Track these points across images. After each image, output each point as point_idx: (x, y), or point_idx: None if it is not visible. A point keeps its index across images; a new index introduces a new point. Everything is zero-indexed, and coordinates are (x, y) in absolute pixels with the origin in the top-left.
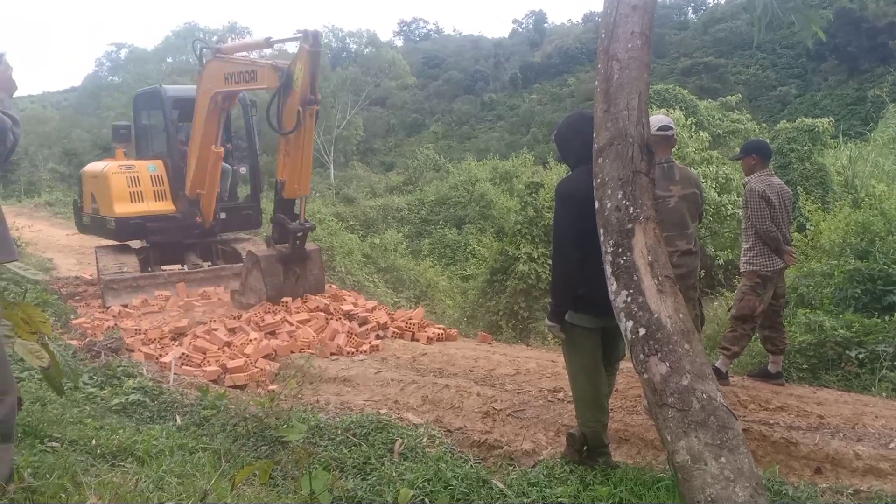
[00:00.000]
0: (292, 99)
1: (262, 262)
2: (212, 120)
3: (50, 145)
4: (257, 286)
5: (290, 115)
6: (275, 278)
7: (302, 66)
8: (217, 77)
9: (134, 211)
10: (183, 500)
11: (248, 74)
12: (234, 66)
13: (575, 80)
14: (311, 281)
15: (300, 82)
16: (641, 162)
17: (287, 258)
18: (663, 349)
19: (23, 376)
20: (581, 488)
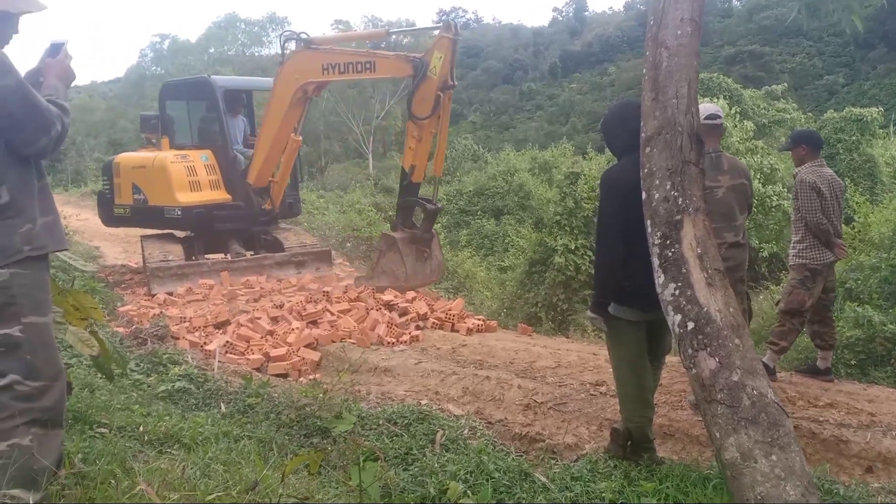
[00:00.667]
0: (427, 86)
1: (399, 243)
2: (295, 109)
3: (96, 135)
4: (393, 268)
5: (423, 101)
6: (412, 259)
7: (442, 54)
8: (311, 68)
9: (196, 200)
10: (229, 487)
11: (360, 65)
12: (340, 58)
13: (616, 69)
14: (435, 263)
15: (438, 69)
16: (691, 152)
17: (419, 240)
18: (713, 344)
19: (72, 363)
20: (625, 484)
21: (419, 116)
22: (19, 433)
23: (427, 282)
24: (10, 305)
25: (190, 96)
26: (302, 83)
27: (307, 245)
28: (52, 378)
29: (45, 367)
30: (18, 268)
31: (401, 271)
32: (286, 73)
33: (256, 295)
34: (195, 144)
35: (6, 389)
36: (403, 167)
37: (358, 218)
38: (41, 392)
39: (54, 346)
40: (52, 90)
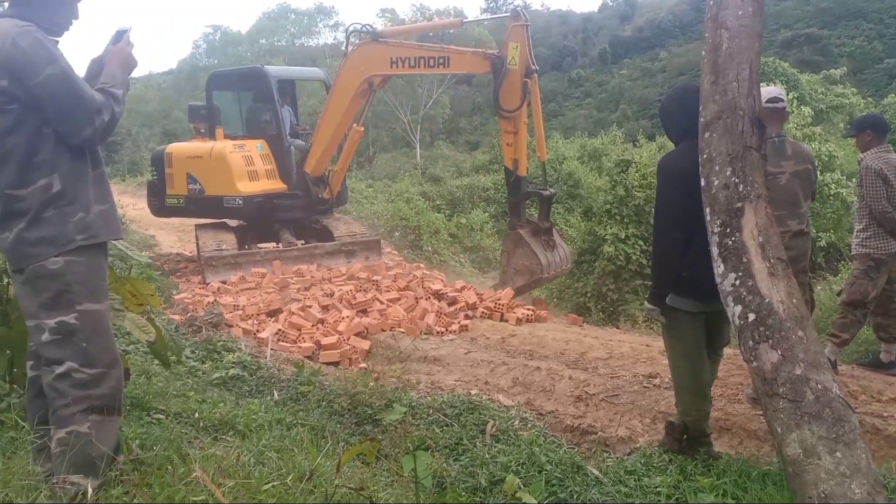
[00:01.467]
0: (510, 78)
1: (526, 237)
2: (357, 101)
3: (151, 126)
4: (526, 263)
5: (509, 94)
6: (542, 250)
7: (517, 43)
8: (378, 60)
9: (256, 190)
10: (283, 475)
11: (433, 60)
12: (411, 51)
13: (667, 55)
14: (562, 252)
15: (518, 58)
16: (752, 136)
17: (542, 230)
18: (775, 336)
19: (130, 349)
20: (681, 479)
21: (509, 109)
22: (77, 420)
23: (561, 271)
24: (66, 293)
25: (241, 86)
26: (367, 75)
27: (357, 234)
28: (108, 365)
29: (101, 354)
30: (73, 256)
31: (535, 265)
32: (351, 64)
33: (307, 283)
34: (245, 134)
35: (64, 377)
36: (506, 165)
37: (406, 207)
38: (98, 379)
39: (110, 334)
40: (108, 78)
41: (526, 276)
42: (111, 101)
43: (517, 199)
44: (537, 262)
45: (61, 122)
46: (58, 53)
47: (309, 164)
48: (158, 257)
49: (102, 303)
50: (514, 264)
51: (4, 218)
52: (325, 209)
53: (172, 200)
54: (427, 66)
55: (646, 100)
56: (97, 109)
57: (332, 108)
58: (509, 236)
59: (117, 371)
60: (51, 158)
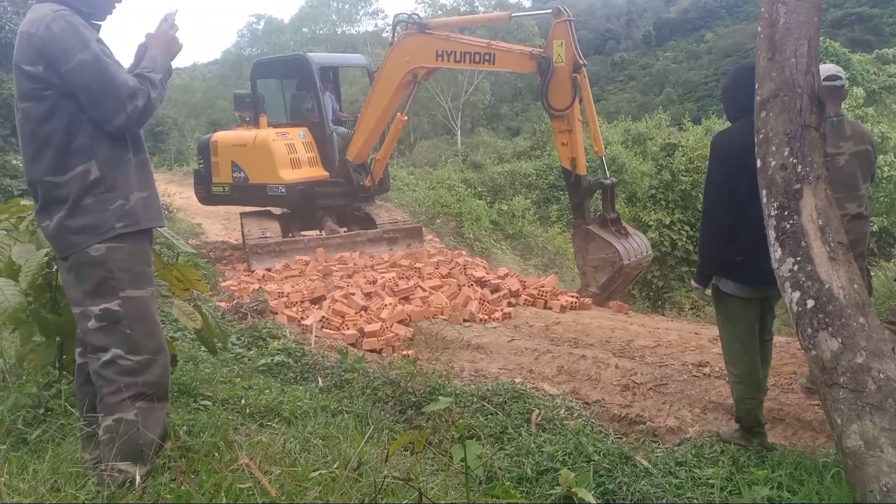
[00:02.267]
0: (559, 77)
1: (594, 229)
2: (401, 91)
3: (196, 116)
4: (603, 256)
5: (559, 92)
6: (615, 238)
7: (561, 40)
8: (424, 52)
9: (298, 177)
10: (329, 463)
11: (478, 56)
12: (457, 46)
13: (713, 36)
14: (639, 239)
15: (564, 56)
16: (811, 115)
17: (609, 221)
18: (835, 323)
19: (177, 336)
20: (734, 471)
21: (560, 108)
22: (124, 407)
23: (643, 259)
24: (108, 280)
25: (284, 74)
26: (412, 67)
27: (398, 221)
28: (153, 352)
29: (145, 340)
30: (115, 242)
31: (612, 254)
32: (396, 55)
33: (350, 271)
34: (289, 122)
35: (109, 364)
36: (564, 166)
37: (447, 194)
38: (144, 366)
39: (155, 320)
40: (148, 62)
41: (607, 270)
42: (147, 86)
43: (580, 198)
44: (614, 251)
45: (93, 108)
46: (91, 38)
47: (351, 151)
48: (204, 245)
49: (146, 289)
50: (590, 261)
51: (45, 205)
52: (367, 196)
53: (218, 189)
54: (472, 62)
55: (691, 82)
56: (130, 95)
57: (376, 98)
58: (578, 234)
59: (163, 358)
60: (88, 144)
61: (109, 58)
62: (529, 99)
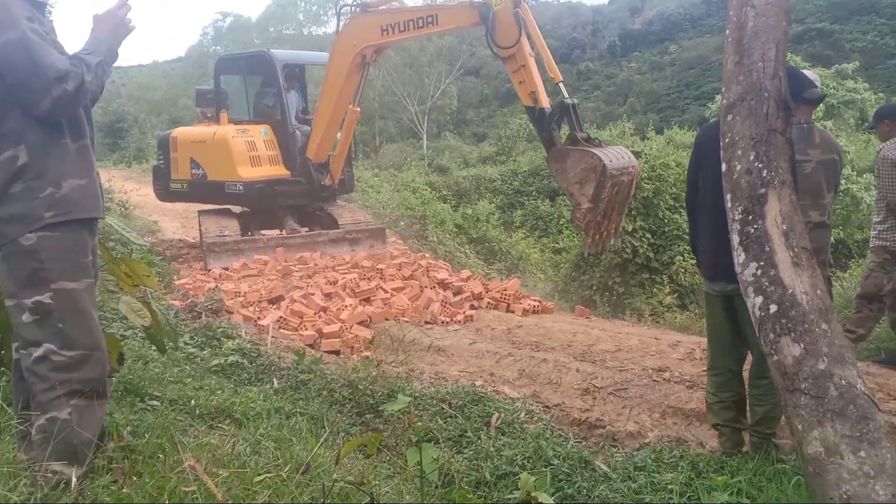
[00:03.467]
0: (500, 18)
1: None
2: (352, 78)
3: (158, 113)
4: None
5: (505, 31)
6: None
7: None
8: (369, 31)
9: (258, 175)
10: (280, 466)
11: (421, 20)
12: (399, 16)
13: (677, 48)
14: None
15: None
16: (777, 119)
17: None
18: (797, 329)
19: (127, 334)
20: (693, 476)
21: (508, 45)
22: (58, 406)
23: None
24: (40, 271)
25: (247, 70)
26: (360, 48)
27: (361, 222)
28: (88, 347)
29: (79, 335)
30: (47, 231)
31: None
32: (343, 40)
33: (310, 271)
34: (252, 119)
35: (42, 360)
36: (526, 104)
37: (412, 197)
38: (78, 362)
39: (90, 315)
40: (91, 44)
41: (591, 179)
42: (82, 68)
43: (546, 133)
44: (591, 156)
45: (20, 91)
46: (20, 16)
47: (310, 149)
48: (160, 243)
49: (80, 281)
50: (572, 178)
51: None
52: (328, 196)
53: (176, 185)
54: (416, 28)
55: (654, 93)
56: (58, 78)
57: (328, 88)
58: (552, 157)
59: (99, 354)
60: (18, 129)
61: (43, 38)
62: (496, 105)
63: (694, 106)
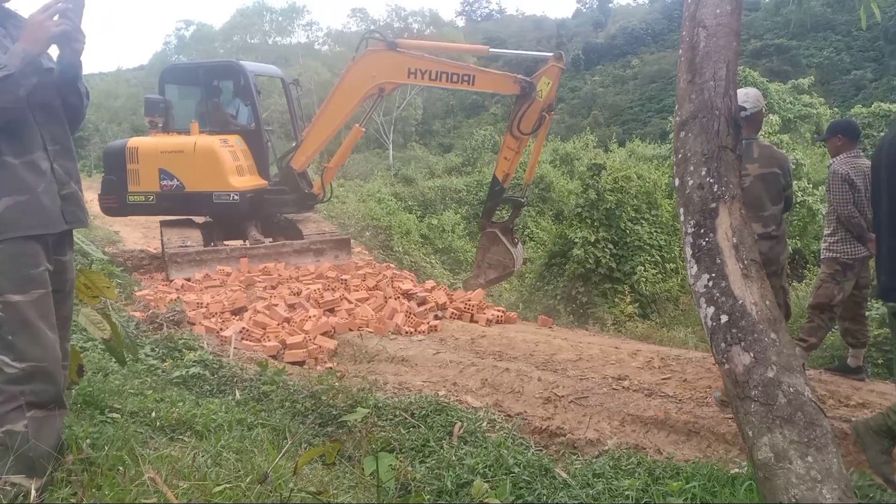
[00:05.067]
0: (535, 107)
1: (500, 234)
2: (360, 103)
3: (119, 122)
4: (500, 259)
5: (528, 120)
6: (513, 247)
7: (550, 80)
8: (394, 69)
9: (247, 185)
10: (240, 477)
11: (457, 77)
12: (433, 65)
13: (639, 62)
14: (520, 248)
15: (545, 93)
16: (728, 136)
17: (510, 230)
18: (747, 338)
19: (87, 346)
20: (650, 482)
21: (524, 132)
22: (13, 418)
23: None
24: None
25: (207, 80)
26: (379, 82)
27: (326, 233)
28: (38, 359)
29: (28, 348)
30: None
31: (508, 260)
32: (361, 68)
33: (274, 282)
34: (209, 129)
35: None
36: (496, 175)
37: (377, 207)
38: (30, 374)
39: (39, 327)
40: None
41: (499, 270)
42: None
43: (493, 204)
44: (510, 258)
45: None
46: None
47: (298, 160)
48: (122, 253)
49: (28, 293)
50: (488, 259)
51: None
52: (314, 204)
53: (139, 198)
54: (449, 81)
55: (617, 106)
56: None
57: (333, 109)
58: (486, 235)
59: (51, 366)
60: None
61: None
62: (461, 116)
63: (656, 119)
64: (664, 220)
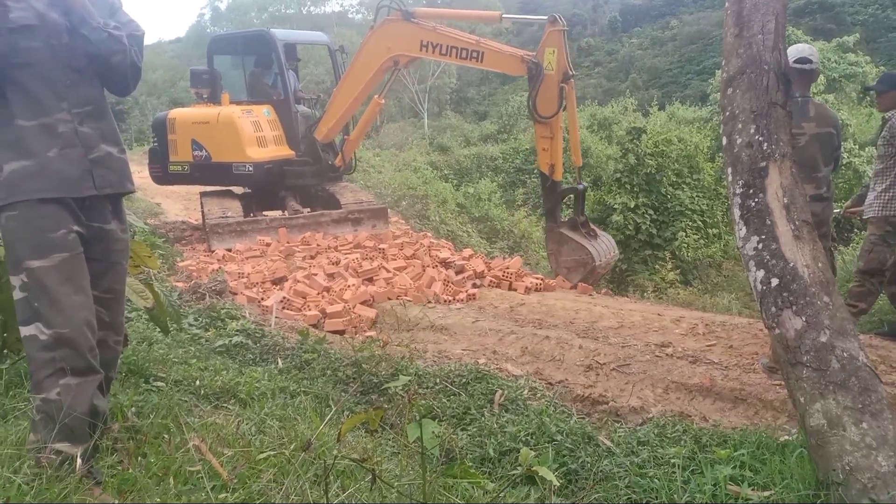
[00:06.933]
0: (547, 84)
1: (566, 231)
2: (380, 75)
3: (158, 95)
4: (576, 256)
5: (546, 100)
6: (587, 240)
7: (553, 48)
8: (407, 41)
9: (266, 156)
10: (284, 444)
11: (465, 52)
12: (443, 38)
13: (678, 23)
14: (606, 240)
15: (555, 64)
16: (778, 92)
17: (580, 224)
18: (799, 302)
19: (130, 315)
20: (696, 450)
21: (546, 116)
22: (48, 386)
23: (612, 258)
24: (11, 251)
25: (245, 50)
26: (394, 54)
27: (363, 202)
28: (60, 325)
29: (51, 313)
30: (7, 211)
31: (585, 255)
32: (377, 39)
33: (313, 252)
34: (249, 99)
35: (30, 340)
36: (541, 170)
37: (413, 176)
38: (56, 341)
39: (61, 292)
40: None
41: (580, 271)
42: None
43: (553, 203)
44: (587, 252)
45: None
46: None
47: (320, 131)
48: (163, 225)
49: (48, 258)
50: (563, 263)
51: None
52: (336, 176)
53: (176, 167)
54: (458, 57)
55: (656, 69)
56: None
57: (351, 80)
58: (551, 236)
59: (72, 331)
60: None
61: None
62: (497, 83)
63: (696, 81)
64: (706, 184)
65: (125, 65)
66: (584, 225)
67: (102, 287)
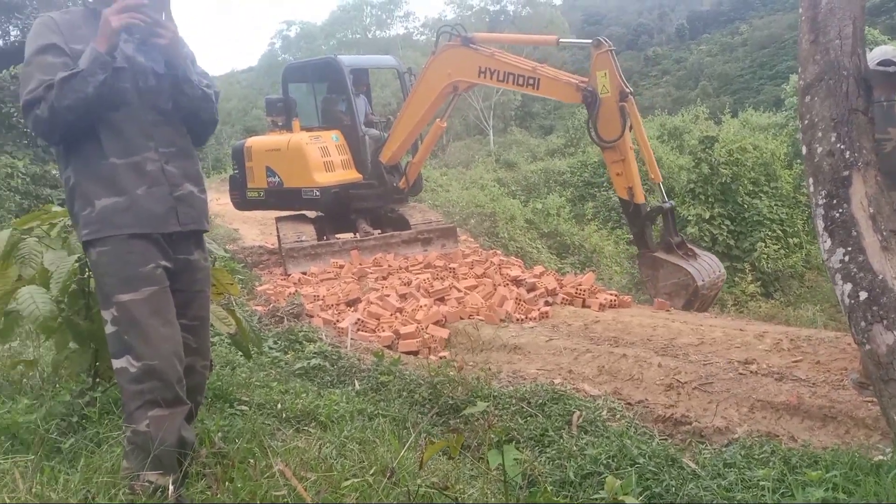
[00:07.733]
0: (606, 107)
1: (661, 254)
2: (441, 100)
3: (232, 123)
4: (675, 279)
5: (608, 124)
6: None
7: (604, 70)
8: (466, 67)
9: (332, 180)
10: (365, 468)
11: (522, 79)
12: (501, 65)
13: (748, 28)
14: (707, 258)
15: (609, 86)
16: (858, 98)
17: (674, 245)
18: (890, 316)
19: (214, 341)
20: (786, 471)
21: (611, 140)
22: (138, 418)
23: (718, 278)
24: (103, 285)
25: (315, 78)
26: (454, 80)
27: (432, 222)
28: (150, 357)
29: (141, 346)
30: (99, 247)
31: (685, 276)
32: (438, 65)
33: (385, 272)
34: (321, 125)
35: (121, 372)
36: (621, 196)
37: (481, 194)
38: (145, 373)
39: (148, 324)
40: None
41: (682, 295)
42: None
43: (640, 227)
44: (686, 273)
45: None
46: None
47: (385, 154)
48: (241, 250)
49: (139, 291)
50: (662, 289)
51: None
52: (401, 198)
53: (253, 194)
54: (515, 84)
55: (727, 75)
56: (27, 105)
57: (414, 104)
58: (644, 263)
59: (161, 363)
60: (67, 150)
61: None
62: None
63: (769, 86)
64: (784, 192)
65: (210, 121)
66: (681, 246)
67: (189, 315)
